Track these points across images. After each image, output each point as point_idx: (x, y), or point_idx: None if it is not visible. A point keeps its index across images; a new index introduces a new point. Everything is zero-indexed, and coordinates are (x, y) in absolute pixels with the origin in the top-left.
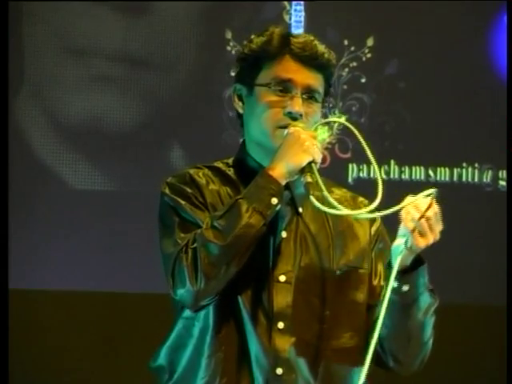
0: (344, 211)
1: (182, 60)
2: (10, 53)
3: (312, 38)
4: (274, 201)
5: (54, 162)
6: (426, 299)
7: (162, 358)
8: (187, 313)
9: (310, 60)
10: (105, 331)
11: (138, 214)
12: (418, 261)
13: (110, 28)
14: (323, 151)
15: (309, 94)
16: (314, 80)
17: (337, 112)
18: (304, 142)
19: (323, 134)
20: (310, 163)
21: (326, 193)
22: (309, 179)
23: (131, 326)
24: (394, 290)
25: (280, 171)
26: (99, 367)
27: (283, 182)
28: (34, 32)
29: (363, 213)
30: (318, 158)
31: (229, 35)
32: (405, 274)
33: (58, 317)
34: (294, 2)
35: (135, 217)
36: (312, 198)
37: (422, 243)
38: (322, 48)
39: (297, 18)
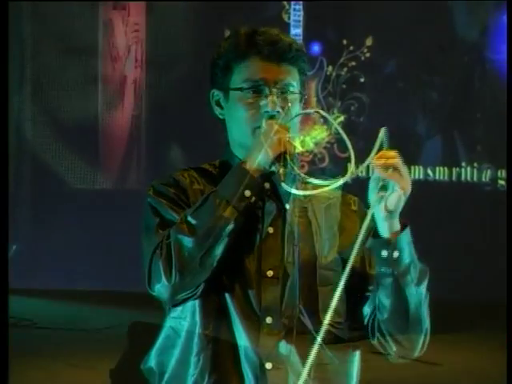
0: (315, 181)
1: (182, 59)
2: (10, 53)
3: (277, 31)
4: (247, 193)
5: (54, 162)
6: (416, 265)
7: (151, 360)
8: (175, 312)
9: (278, 55)
10: (104, 331)
11: (138, 214)
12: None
13: (109, 28)
14: (320, 148)
15: (282, 89)
16: (286, 74)
17: (335, 111)
18: (275, 134)
19: (322, 134)
20: (283, 154)
21: (296, 169)
22: (281, 170)
23: (131, 325)
24: (385, 261)
25: (253, 164)
26: (99, 367)
27: (256, 175)
28: (34, 32)
29: (334, 181)
30: (291, 149)
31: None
32: (391, 241)
33: (58, 317)
34: (293, 2)
35: (135, 217)
36: (284, 185)
37: (407, 184)
38: (288, 40)
39: (296, 18)
